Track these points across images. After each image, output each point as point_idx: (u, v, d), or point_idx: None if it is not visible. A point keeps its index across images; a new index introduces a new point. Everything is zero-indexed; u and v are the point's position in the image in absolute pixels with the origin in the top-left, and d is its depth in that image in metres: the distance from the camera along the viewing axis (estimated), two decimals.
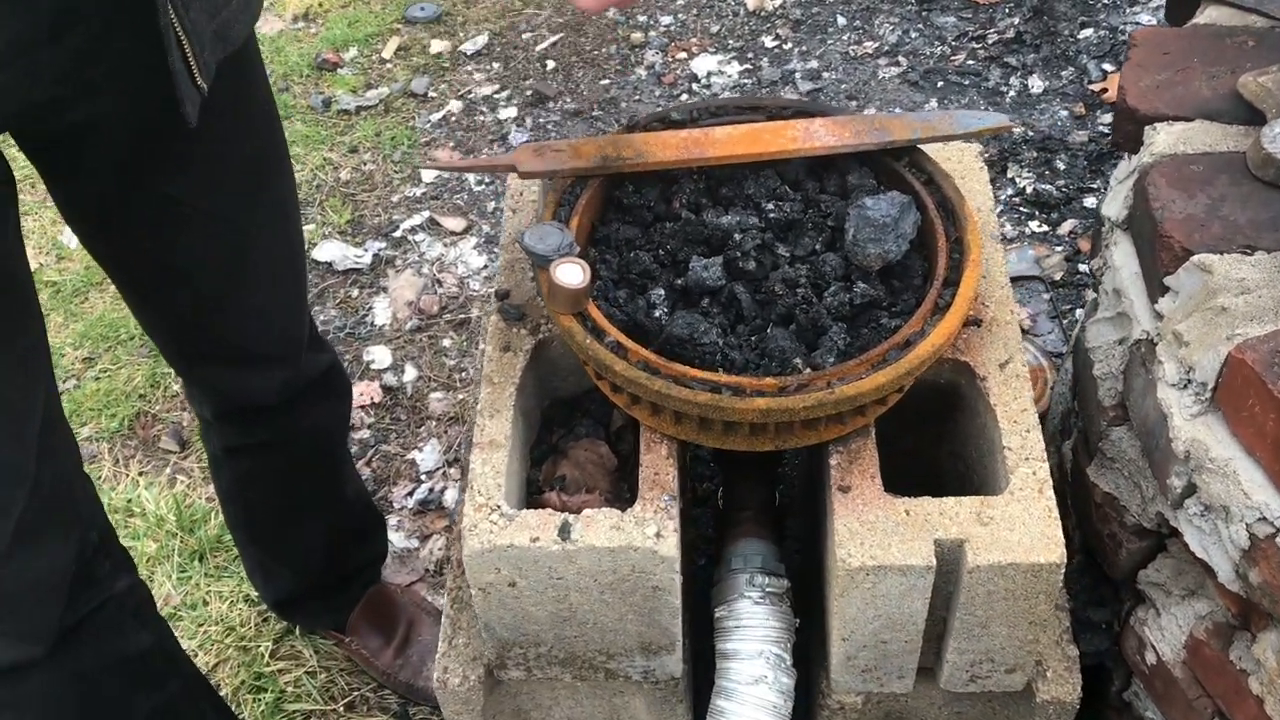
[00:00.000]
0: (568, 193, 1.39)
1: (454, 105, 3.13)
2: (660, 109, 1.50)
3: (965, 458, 1.46)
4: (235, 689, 2.04)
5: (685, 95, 3.05)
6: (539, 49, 3.28)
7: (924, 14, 3.15)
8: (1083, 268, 2.44)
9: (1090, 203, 2.58)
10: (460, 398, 2.47)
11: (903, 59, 3.03)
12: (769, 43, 3.17)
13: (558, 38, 3.30)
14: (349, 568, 1.97)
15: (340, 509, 1.86)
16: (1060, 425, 1.75)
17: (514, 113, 3.09)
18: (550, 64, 3.23)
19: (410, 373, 2.52)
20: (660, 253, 1.37)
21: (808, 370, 1.23)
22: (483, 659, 1.42)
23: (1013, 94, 2.87)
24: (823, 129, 1.40)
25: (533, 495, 1.39)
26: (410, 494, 2.32)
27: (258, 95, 1.35)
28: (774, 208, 1.37)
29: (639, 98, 3.07)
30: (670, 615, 1.31)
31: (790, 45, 3.15)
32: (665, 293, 1.32)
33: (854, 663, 1.35)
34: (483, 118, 3.09)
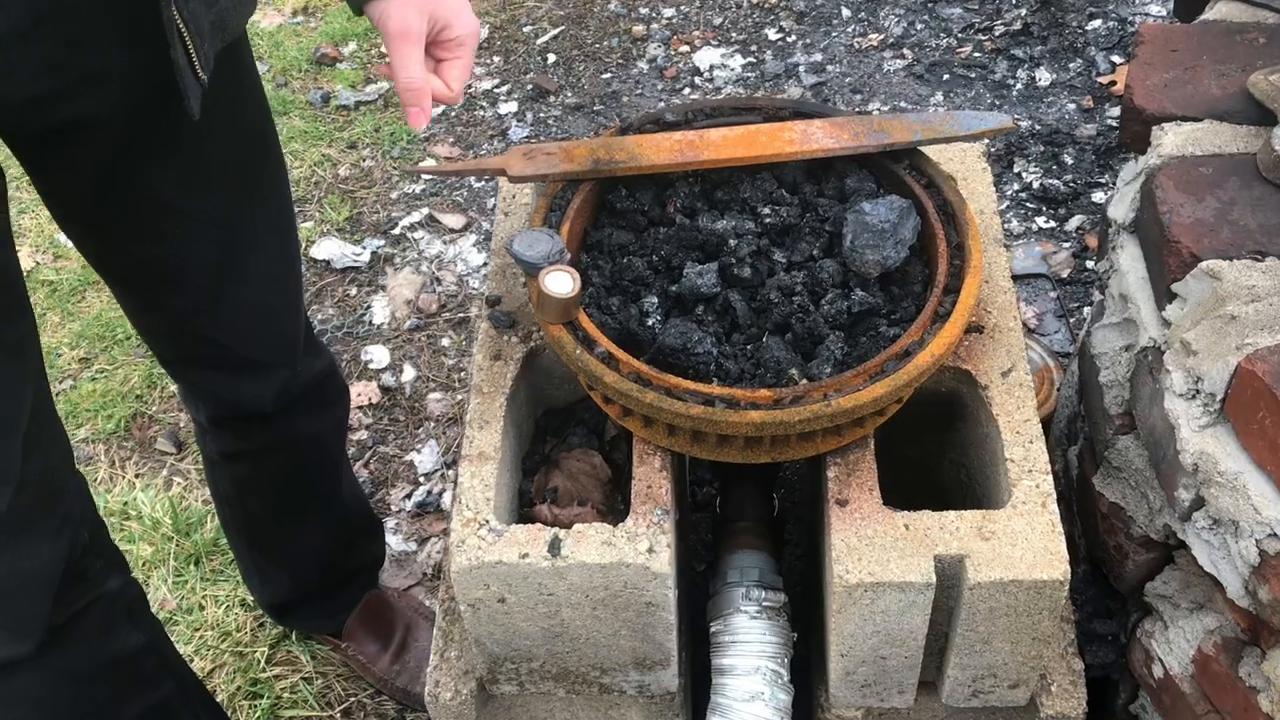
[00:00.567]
0: (559, 197, 1.36)
1: None
2: (654, 110, 1.46)
3: (967, 466, 1.43)
4: (231, 695, 2.02)
5: (688, 89, 3.01)
6: (540, 42, 3.24)
7: (930, 5, 3.11)
8: (1090, 265, 2.40)
9: (1098, 198, 2.54)
10: (459, 398, 2.44)
11: (908, 51, 2.98)
12: (773, 35, 3.13)
13: (559, 30, 3.26)
14: (346, 572, 1.95)
15: (337, 513, 1.83)
16: (1066, 430, 1.72)
17: (514, 107, 3.06)
18: (551, 57, 3.19)
19: (409, 373, 2.49)
20: (654, 259, 1.34)
21: (804, 381, 1.20)
22: (475, 672, 1.40)
23: (1019, 87, 2.83)
24: (821, 131, 1.37)
25: (524, 508, 1.36)
26: (408, 496, 2.29)
27: (249, 92, 1.32)
28: (770, 212, 1.34)
29: (641, 91, 3.03)
30: (665, 631, 1.28)
31: (794, 38, 3.11)
32: (658, 300, 1.29)
33: (853, 678, 1.32)
34: (483, 113, 3.06)
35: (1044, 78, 2.83)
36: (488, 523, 1.23)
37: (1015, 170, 2.63)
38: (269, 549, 1.83)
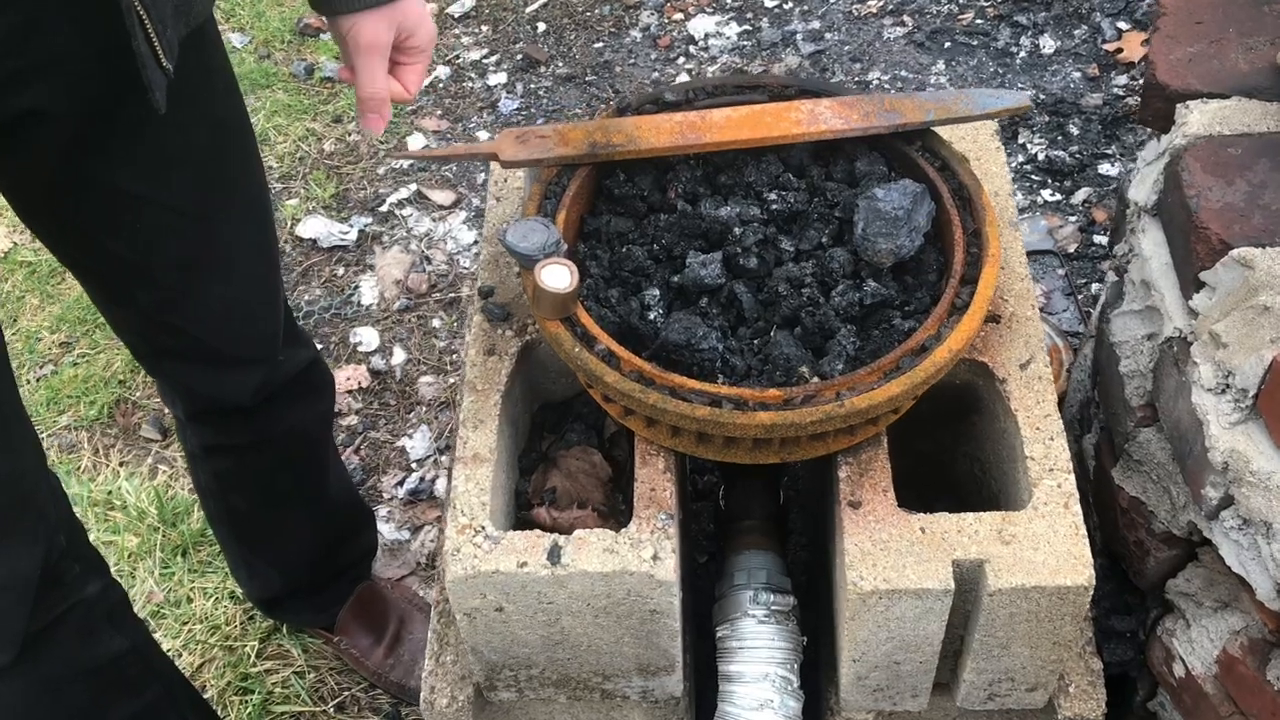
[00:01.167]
0: (554, 183, 1.29)
1: (441, 71, 3.01)
2: (652, 90, 1.39)
3: (981, 460, 1.37)
4: (221, 691, 1.97)
5: (682, 58, 2.93)
6: (529, 10, 3.15)
7: None
8: (1098, 239, 2.34)
9: (1105, 169, 2.48)
10: (451, 381, 2.38)
11: (908, 18, 2.90)
12: (769, 2, 3.04)
13: None
14: (336, 565, 1.89)
15: (326, 506, 1.77)
16: (1079, 415, 1.66)
17: (504, 78, 2.98)
18: (541, 26, 3.10)
19: (399, 355, 2.43)
20: (654, 248, 1.28)
21: (814, 379, 1.14)
22: (472, 678, 1.34)
23: (1023, 55, 2.75)
24: (829, 110, 1.30)
25: (521, 509, 1.30)
26: (400, 483, 2.23)
27: (217, 76, 1.25)
28: (777, 198, 1.27)
29: (634, 61, 2.95)
30: (669, 638, 1.23)
31: (791, 5, 3.02)
32: (660, 292, 1.23)
33: (865, 682, 1.27)
34: (471, 84, 2.97)
35: (1048, 45, 2.75)
36: (484, 529, 1.17)
37: (1020, 141, 2.56)
38: (255, 544, 1.77)
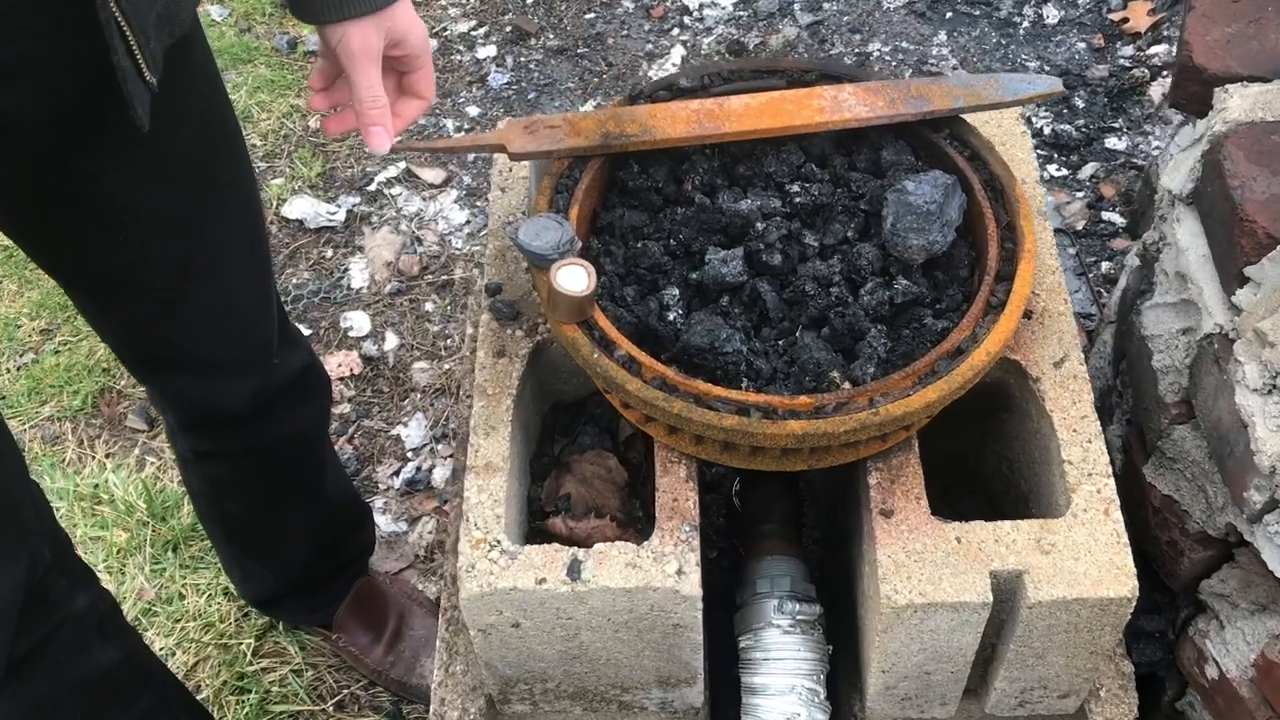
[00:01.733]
0: (565, 176, 1.23)
1: None
2: (666, 76, 1.33)
3: (1010, 459, 1.33)
4: (217, 691, 1.92)
5: (676, 29, 2.86)
6: None
7: None
8: (1107, 216, 2.29)
9: (1112, 143, 2.42)
10: (446, 367, 2.31)
11: None
12: None
13: None
14: (334, 564, 1.84)
15: (323, 506, 1.71)
16: (1099, 404, 1.61)
17: (493, 51, 2.89)
18: None
19: (391, 340, 2.36)
20: (671, 243, 1.22)
21: (846, 385, 1.08)
22: (484, 689, 1.30)
23: (1026, 24, 2.69)
24: (853, 97, 1.24)
25: (534, 518, 1.25)
26: (396, 473, 2.18)
27: (202, 79, 1.17)
28: (800, 190, 1.22)
29: (627, 33, 2.87)
30: (692, 650, 1.18)
31: None
32: (679, 291, 1.17)
33: (893, 692, 1.23)
34: (459, 57, 2.89)
35: (1052, 15, 2.69)
36: (499, 544, 1.11)
37: (1024, 114, 2.50)
38: (249, 547, 1.71)
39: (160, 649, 1.95)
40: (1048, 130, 2.46)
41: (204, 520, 1.73)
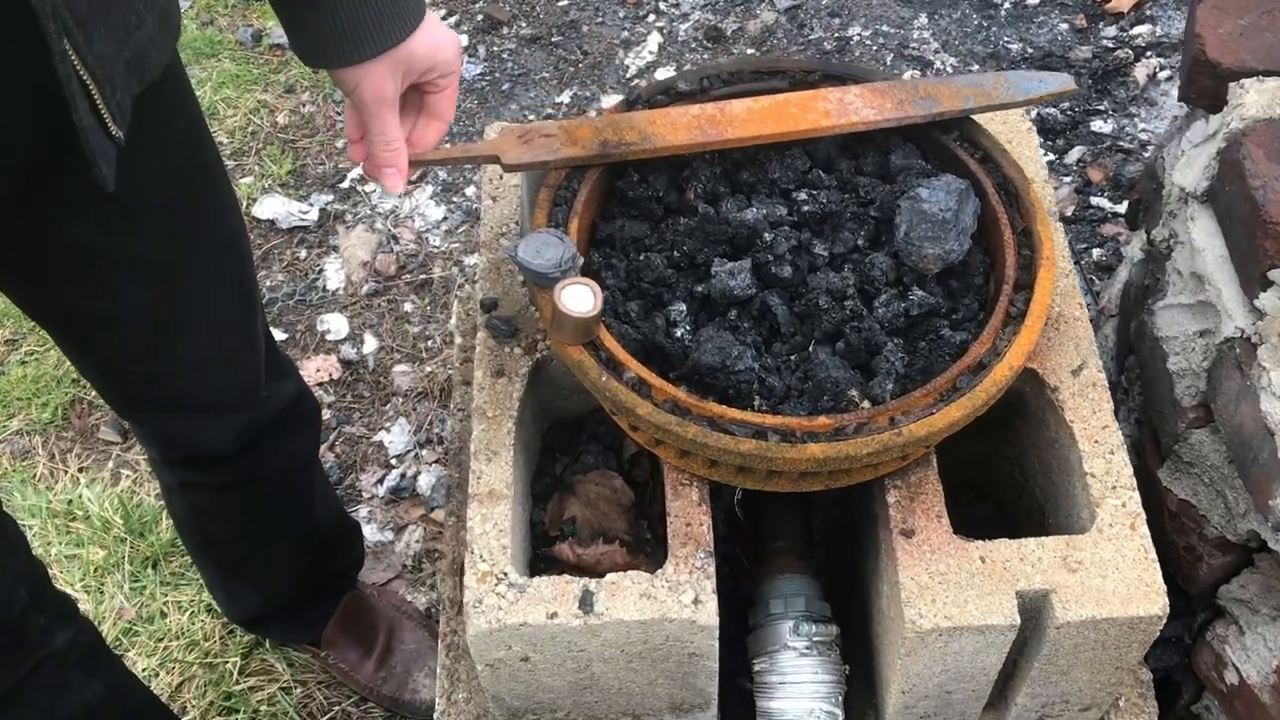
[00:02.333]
0: (563, 187, 1.18)
1: None
2: (664, 79, 1.27)
3: (1024, 466, 1.29)
4: (204, 711, 1.86)
5: (652, 15, 2.80)
6: None
7: None
8: (1095, 201, 2.26)
9: (1098, 126, 2.39)
10: (428, 370, 2.26)
11: None
12: None
13: None
14: (322, 582, 1.78)
15: (311, 528, 1.66)
16: None
17: (464, 41, 2.82)
18: None
19: (370, 343, 2.30)
20: (674, 254, 1.17)
21: (865, 404, 1.04)
22: (489, 717, 1.25)
23: (1008, 6, 2.65)
24: (859, 99, 1.19)
25: (538, 543, 1.20)
26: (380, 481, 2.12)
27: (179, 113, 1.10)
28: (807, 197, 1.17)
29: (601, 20, 2.81)
30: (707, 678, 1.14)
31: None
32: (686, 307, 1.12)
33: (913, 711, 1.20)
34: None
35: None
36: (506, 576, 1.07)
37: None
38: (235, 570, 1.66)
39: (143, 670, 1.90)
40: (1033, 115, 2.42)
41: (187, 543, 1.67)
